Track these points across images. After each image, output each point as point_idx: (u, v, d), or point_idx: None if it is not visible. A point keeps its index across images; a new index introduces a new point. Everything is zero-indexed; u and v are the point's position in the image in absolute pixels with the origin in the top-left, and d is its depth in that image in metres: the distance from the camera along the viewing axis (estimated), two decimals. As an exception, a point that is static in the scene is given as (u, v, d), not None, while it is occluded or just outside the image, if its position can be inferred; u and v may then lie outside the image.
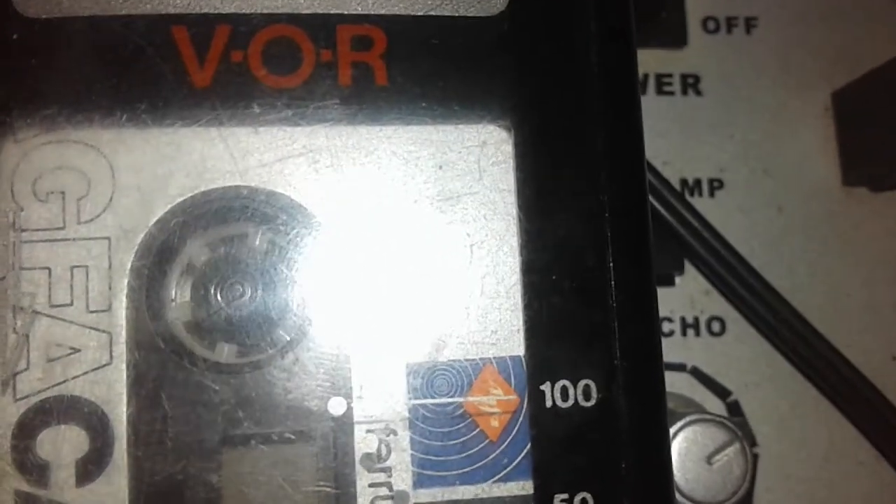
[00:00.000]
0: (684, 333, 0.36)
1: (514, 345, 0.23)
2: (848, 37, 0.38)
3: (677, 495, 0.30)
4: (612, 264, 0.23)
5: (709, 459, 0.31)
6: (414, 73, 0.23)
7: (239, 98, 0.22)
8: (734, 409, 0.36)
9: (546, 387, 0.23)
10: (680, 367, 0.36)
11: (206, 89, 0.22)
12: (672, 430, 0.31)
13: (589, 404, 0.22)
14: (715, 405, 0.36)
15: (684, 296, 0.36)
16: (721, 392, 0.36)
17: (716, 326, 0.36)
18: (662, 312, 0.36)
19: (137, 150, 0.22)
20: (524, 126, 0.23)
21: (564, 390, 0.22)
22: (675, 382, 0.36)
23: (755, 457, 0.35)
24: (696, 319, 0.36)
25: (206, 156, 0.22)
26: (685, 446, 0.31)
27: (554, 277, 0.23)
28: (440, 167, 0.23)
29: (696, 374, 0.36)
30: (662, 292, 0.36)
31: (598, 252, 0.23)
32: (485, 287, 0.23)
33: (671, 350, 0.36)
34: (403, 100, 0.23)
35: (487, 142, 0.23)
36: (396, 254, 0.23)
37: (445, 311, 0.23)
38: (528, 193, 0.23)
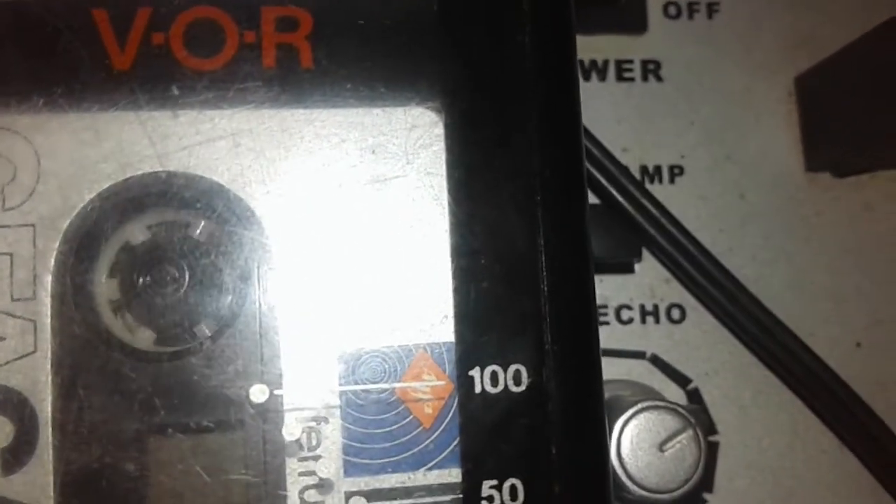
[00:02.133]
0: (643, 321, 0.36)
1: (447, 330, 0.23)
2: (811, 21, 0.38)
3: (629, 483, 0.30)
4: (543, 248, 0.22)
5: (661, 447, 0.30)
6: (340, 55, 0.22)
7: (159, 81, 0.22)
8: (694, 398, 0.35)
9: (475, 372, 0.22)
10: (639, 355, 0.36)
11: (126, 72, 0.22)
12: (624, 418, 0.30)
13: (519, 389, 0.22)
14: (675, 393, 0.35)
15: (643, 283, 0.36)
16: (681, 380, 0.35)
17: (675, 314, 0.36)
18: (621, 300, 0.36)
19: (57, 135, 0.22)
20: (455, 108, 0.23)
21: (494, 375, 0.22)
22: (634, 370, 0.35)
23: (712, 445, 0.35)
24: (656, 307, 0.36)
25: (125, 140, 0.22)
26: (637, 433, 0.30)
27: (483, 262, 0.22)
28: (368, 151, 0.22)
29: (656, 361, 0.36)
30: (621, 280, 0.36)
31: (529, 236, 0.22)
32: (415, 272, 0.22)
33: (630, 338, 0.36)
34: (329, 82, 0.22)
35: (417, 125, 0.23)
36: (325, 239, 0.23)
37: (375, 296, 0.23)
38: (458, 177, 0.22)
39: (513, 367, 0.22)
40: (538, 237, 0.22)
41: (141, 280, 0.22)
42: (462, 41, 0.23)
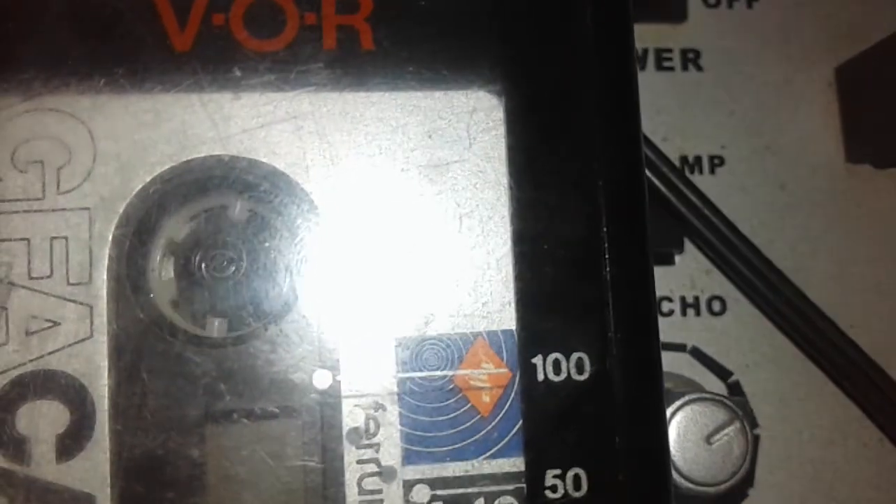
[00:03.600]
0: (684, 313, 0.35)
1: (506, 318, 0.23)
2: (851, 10, 0.38)
3: (676, 476, 0.30)
4: (605, 234, 0.22)
5: (708, 439, 0.30)
6: (401, 37, 0.22)
7: (220, 62, 0.21)
8: (735, 390, 0.35)
9: (538, 360, 0.22)
10: (680, 348, 0.35)
11: (187, 53, 0.21)
12: (671, 410, 0.30)
13: (582, 378, 0.22)
14: (715, 386, 0.35)
15: (684, 275, 0.36)
16: (721, 373, 0.35)
17: (716, 306, 0.36)
18: (662, 292, 0.36)
19: (116, 116, 0.22)
20: (516, 92, 0.22)
21: (557, 363, 0.22)
22: (674, 363, 0.35)
23: (756, 438, 0.34)
24: (697, 299, 0.36)
25: (187, 122, 0.21)
26: (684, 426, 0.30)
27: (546, 248, 0.22)
28: (428, 134, 0.22)
29: (697, 354, 0.35)
30: (662, 271, 0.36)
31: (591, 221, 0.22)
32: (475, 258, 0.22)
33: (671, 330, 0.35)
34: (390, 64, 0.22)
35: (477, 108, 0.22)
36: (384, 224, 0.22)
37: (434, 283, 0.22)
38: (519, 161, 0.22)
39: (575, 355, 0.22)
40: (601, 223, 0.22)
41: (199, 265, 0.22)
42: (523, 24, 0.23)
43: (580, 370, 0.22)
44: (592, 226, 0.22)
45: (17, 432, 0.22)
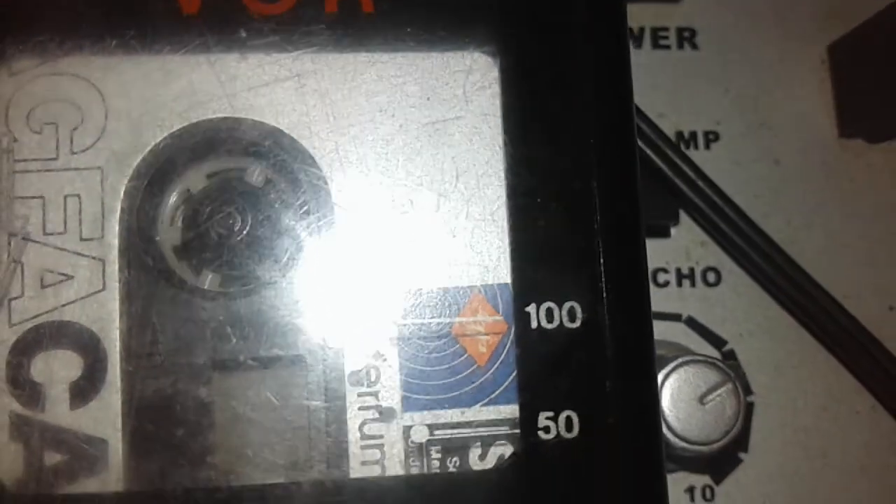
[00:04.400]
0: (680, 284, 0.36)
1: (502, 272, 0.23)
2: (843, -11, 0.38)
3: (670, 436, 0.31)
4: (596, 188, 0.23)
5: (701, 400, 0.31)
6: (400, 1, 0.23)
7: (226, 24, 0.23)
8: (729, 359, 0.36)
9: (531, 308, 0.23)
10: (675, 317, 0.36)
11: (194, 16, 0.22)
12: (664, 372, 0.31)
13: (574, 326, 0.23)
14: (710, 354, 0.36)
15: (680, 247, 0.37)
16: (716, 342, 0.36)
17: (711, 277, 0.36)
18: (658, 263, 0.36)
19: (128, 77, 0.23)
20: (510, 53, 0.23)
21: (550, 312, 0.23)
22: (670, 332, 0.36)
23: (748, 405, 0.35)
24: (692, 270, 0.36)
25: (195, 81, 0.22)
26: (677, 387, 0.31)
27: (539, 201, 0.23)
28: (426, 94, 0.23)
29: (692, 323, 0.36)
30: (658, 243, 0.36)
31: (582, 176, 0.23)
32: (471, 212, 0.23)
33: (667, 300, 0.36)
34: (389, 27, 0.23)
35: (473, 69, 0.23)
36: (384, 180, 0.23)
37: (433, 237, 0.23)
38: (513, 119, 0.23)
39: (567, 304, 0.23)
40: (591, 178, 0.23)
41: (206, 220, 0.23)
42: (517, -11, 0.24)
43: (572, 318, 0.23)
44: (583, 180, 0.23)
45: (32, 380, 0.23)
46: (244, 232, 0.23)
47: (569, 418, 0.22)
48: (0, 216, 0.23)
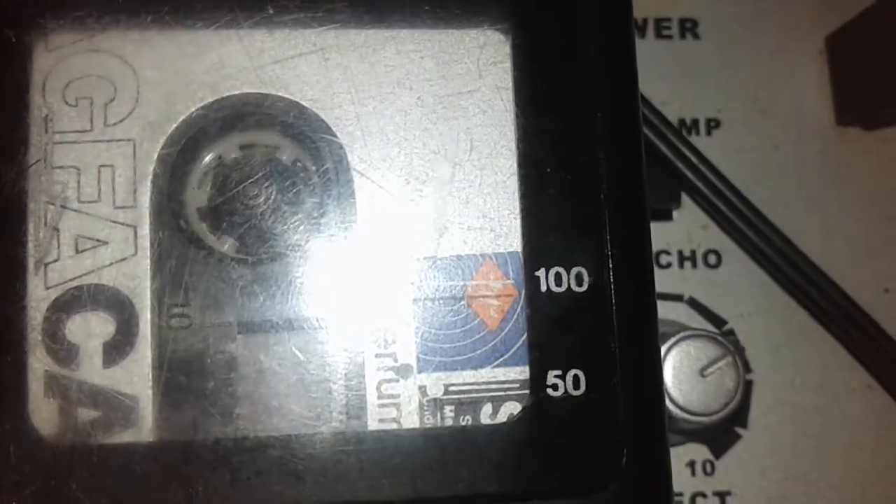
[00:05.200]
0: (682, 266, 0.37)
1: (513, 239, 0.25)
2: (841, -18, 0.40)
3: (672, 407, 0.32)
4: (603, 158, 0.24)
5: (702, 372, 0.32)
6: (418, -20, 0.24)
7: (254, 1, 0.24)
8: (730, 338, 0.37)
9: (541, 273, 0.24)
10: (677, 298, 0.37)
11: (225, -7, 0.24)
12: (666, 346, 0.32)
13: (581, 289, 0.24)
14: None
15: (682, 230, 0.38)
16: (717, 321, 0.37)
17: (712, 259, 0.38)
18: (661, 246, 0.38)
19: (162, 50, 0.24)
20: (521, 30, 0.25)
21: (558, 276, 0.24)
22: (672, 312, 0.37)
23: (747, 382, 0.36)
24: (694, 252, 0.38)
25: (224, 54, 0.24)
26: (679, 360, 0.32)
27: (549, 171, 0.24)
28: (442, 68, 0.24)
29: (693, 304, 0.37)
30: (661, 226, 0.38)
31: (589, 147, 0.24)
32: (484, 180, 0.24)
33: (669, 281, 0.37)
34: (408, 4, 0.24)
35: (487, 44, 0.25)
36: (402, 151, 0.24)
37: (448, 205, 0.25)
38: (524, 93, 0.24)
39: (575, 269, 0.24)
40: (598, 148, 0.24)
41: (232, 190, 0.24)
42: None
43: (579, 282, 0.24)
44: (591, 151, 0.24)
45: (67, 341, 0.24)
46: (269, 200, 0.24)
47: (576, 376, 0.23)
48: (39, 184, 0.24)
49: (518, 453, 0.23)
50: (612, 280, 0.24)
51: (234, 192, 0.24)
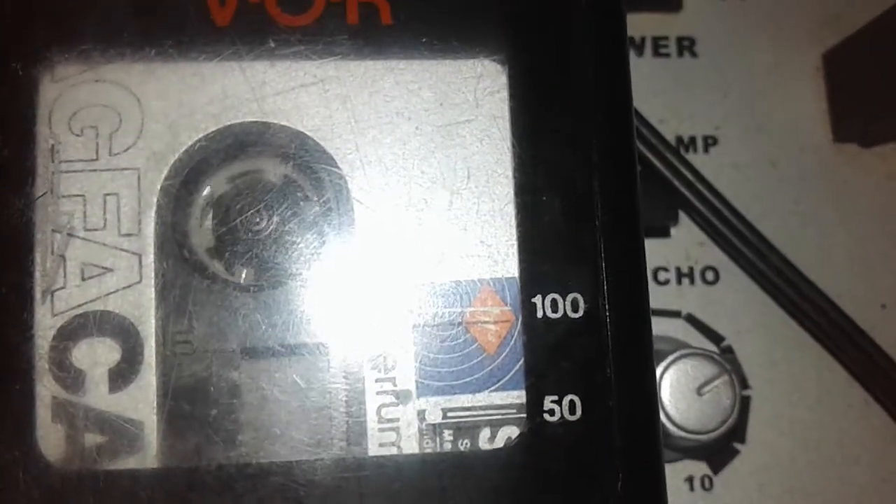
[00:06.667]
0: (679, 282, 0.38)
1: (510, 266, 0.25)
2: (838, 0, 0.40)
3: (669, 425, 0.32)
4: (598, 187, 0.24)
5: (699, 391, 0.32)
6: (416, 13, 0.25)
7: (256, 35, 0.24)
8: (727, 354, 0.37)
9: (538, 299, 0.24)
10: (675, 314, 0.38)
11: (227, 27, 0.24)
12: (663, 364, 0.33)
13: (577, 315, 0.24)
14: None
15: (679, 247, 0.38)
16: (715, 338, 0.37)
17: (710, 276, 0.38)
18: (658, 262, 0.38)
19: (165, 82, 0.24)
20: (517, 61, 0.25)
21: (554, 302, 0.24)
22: (670, 329, 0.37)
23: (745, 399, 0.37)
24: (691, 269, 0.38)
25: (227, 86, 0.24)
26: (676, 379, 0.32)
27: (545, 199, 0.25)
28: (440, 98, 0.25)
29: (691, 320, 0.38)
30: (658, 243, 0.38)
31: (585, 176, 0.25)
32: (481, 208, 0.25)
33: (667, 298, 0.38)
34: (406, 37, 0.25)
35: (484, 75, 0.25)
36: (400, 179, 0.25)
37: (445, 232, 0.25)
38: (521, 122, 0.25)
39: (571, 296, 0.24)
40: (594, 177, 0.25)
41: (234, 218, 0.25)
42: (524, 1, 0.25)
43: (575, 309, 0.24)
44: (586, 180, 0.25)
45: (73, 366, 0.24)
46: (270, 228, 0.25)
47: (572, 401, 0.24)
48: (46, 213, 0.24)
49: (516, 478, 0.24)
50: (607, 306, 0.24)
51: (237, 221, 0.25)
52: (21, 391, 0.23)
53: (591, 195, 0.25)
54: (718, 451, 0.35)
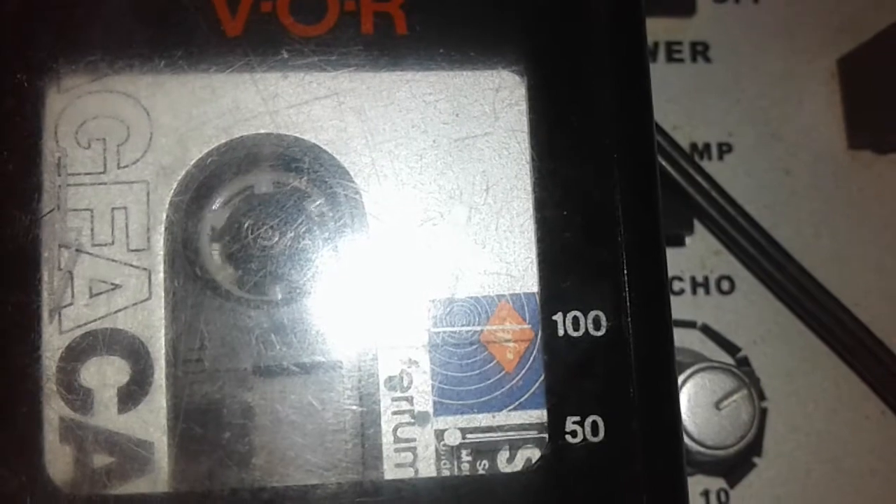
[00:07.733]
0: (695, 292, 0.37)
1: (529, 281, 0.24)
2: (852, 5, 0.39)
3: (688, 440, 0.32)
4: (619, 202, 0.24)
5: (717, 405, 0.32)
6: (432, 22, 0.24)
7: (268, 46, 0.24)
8: (743, 365, 0.37)
9: (558, 317, 0.24)
10: (690, 325, 0.37)
11: (238, 38, 0.24)
12: (682, 378, 0.32)
13: (599, 333, 0.24)
14: (724, 361, 0.37)
15: (695, 256, 0.38)
16: (731, 348, 0.37)
17: (725, 285, 0.37)
18: (673, 272, 0.37)
19: (175, 94, 0.24)
20: (536, 72, 0.24)
21: (576, 320, 0.24)
22: (685, 339, 0.37)
23: (764, 410, 0.36)
24: (706, 278, 0.37)
25: (239, 99, 0.24)
26: (694, 393, 0.32)
27: (565, 214, 0.24)
28: (457, 111, 0.24)
29: (707, 330, 0.37)
30: (673, 252, 0.37)
31: (606, 190, 0.24)
32: (500, 224, 0.24)
33: (682, 308, 0.37)
34: (422, 47, 0.24)
35: (502, 87, 0.24)
36: (418, 193, 0.24)
37: (463, 248, 0.24)
38: (540, 135, 0.24)
39: (593, 313, 0.24)
40: (615, 191, 0.24)
41: (246, 236, 0.24)
42: (543, 11, 0.25)
43: (597, 327, 0.24)
44: (607, 194, 0.24)
45: (82, 385, 0.24)
46: (284, 244, 0.24)
47: (595, 423, 0.23)
48: (53, 228, 0.24)
49: (537, 503, 0.23)
50: (630, 324, 0.24)
51: (250, 236, 0.24)
52: (28, 412, 0.23)
53: (612, 209, 0.24)
54: (736, 466, 0.35)
